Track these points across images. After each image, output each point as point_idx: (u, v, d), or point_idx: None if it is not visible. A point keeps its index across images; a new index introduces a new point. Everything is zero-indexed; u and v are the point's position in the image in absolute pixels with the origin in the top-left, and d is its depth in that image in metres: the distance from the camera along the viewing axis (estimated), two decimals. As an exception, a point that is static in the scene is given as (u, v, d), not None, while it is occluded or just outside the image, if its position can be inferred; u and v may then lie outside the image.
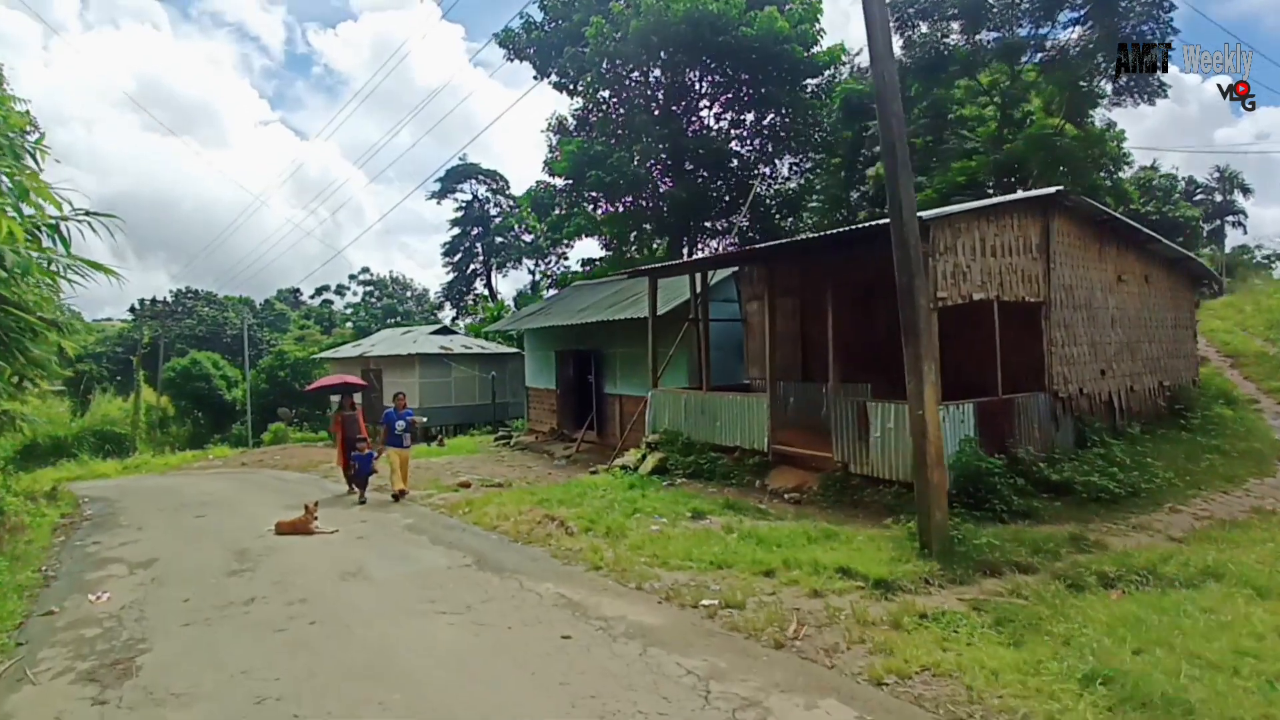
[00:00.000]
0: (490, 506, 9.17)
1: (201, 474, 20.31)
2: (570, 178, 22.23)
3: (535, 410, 20.14)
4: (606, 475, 11.11)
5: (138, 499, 13.89)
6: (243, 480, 15.98)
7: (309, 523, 8.56)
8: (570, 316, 16.75)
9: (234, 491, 13.66)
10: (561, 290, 21.68)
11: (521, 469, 15.03)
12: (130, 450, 35.66)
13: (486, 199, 59.91)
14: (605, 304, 16.53)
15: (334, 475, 15.27)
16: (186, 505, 11.88)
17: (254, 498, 12.39)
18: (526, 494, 9.90)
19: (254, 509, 10.94)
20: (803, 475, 8.57)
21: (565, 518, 7.75)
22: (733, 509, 7.84)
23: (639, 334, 15.25)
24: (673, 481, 9.71)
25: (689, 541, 6.60)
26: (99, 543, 8.97)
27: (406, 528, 8.60)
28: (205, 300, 68.14)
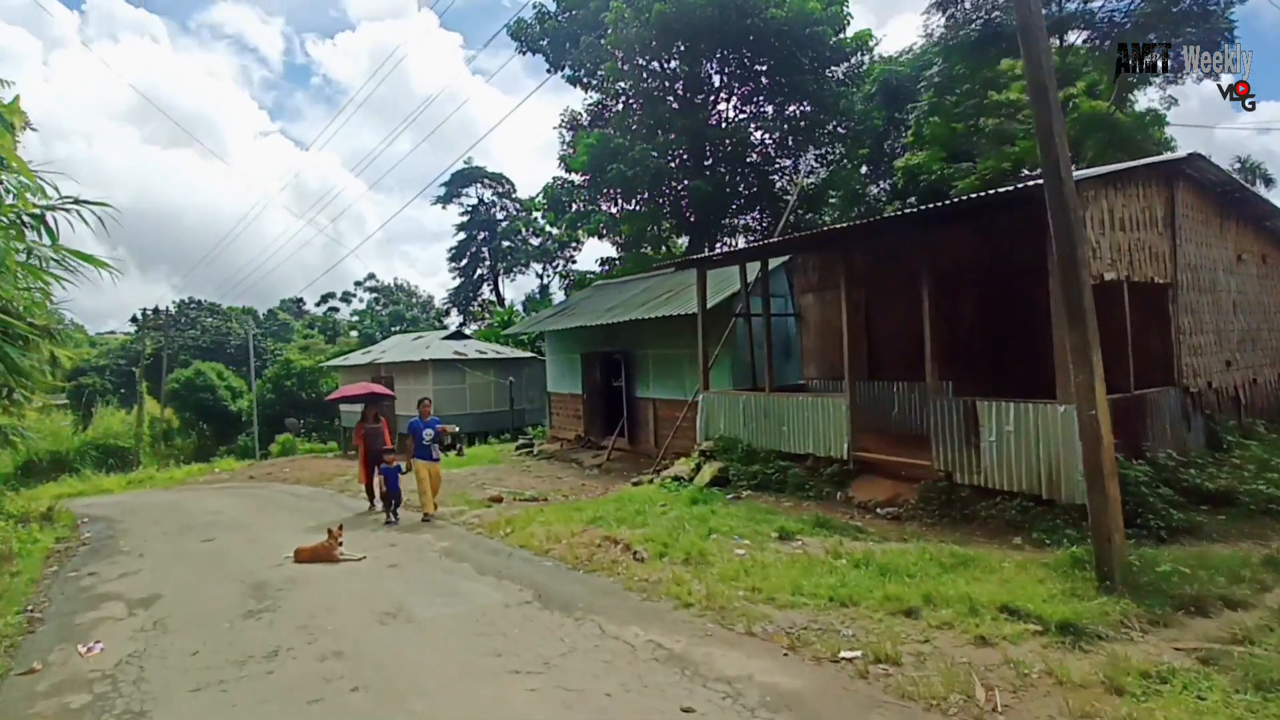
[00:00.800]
0: (535, 526, 8.12)
1: (208, 489, 19.29)
2: (588, 172, 21.25)
3: (558, 416, 19.09)
4: (654, 487, 10.06)
5: (140, 519, 12.88)
6: (252, 496, 14.95)
7: (333, 549, 7.52)
8: (597, 316, 15.72)
9: (244, 510, 12.63)
10: (582, 291, 20.67)
11: (551, 480, 13.98)
12: (134, 464, 34.71)
13: (492, 203, 59.01)
14: (635, 303, 15.50)
15: (352, 489, 14.24)
16: (193, 526, 10.85)
17: (266, 517, 11.37)
18: (571, 510, 8.84)
19: (267, 530, 9.91)
20: (894, 486, 7.52)
21: (630, 540, 6.70)
22: (824, 527, 6.78)
23: (675, 333, 14.21)
24: (738, 494, 8.65)
25: (790, 570, 5.54)
26: (95, 573, 7.94)
27: (443, 553, 7.55)
28: (209, 310, 67.37)
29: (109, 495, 25.32)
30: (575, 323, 16.12)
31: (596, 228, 20.89)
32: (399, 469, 9.46)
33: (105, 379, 55.19)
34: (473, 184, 58.69)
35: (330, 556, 7.47)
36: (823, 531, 6.65)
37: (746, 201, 26.70)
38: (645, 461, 14.96)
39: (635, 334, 15.43)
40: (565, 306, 19.13)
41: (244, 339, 62.70)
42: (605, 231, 21.43)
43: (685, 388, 14.19)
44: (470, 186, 58.82)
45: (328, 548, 7.54)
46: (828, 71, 22.61)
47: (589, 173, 21.13)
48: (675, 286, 15.28)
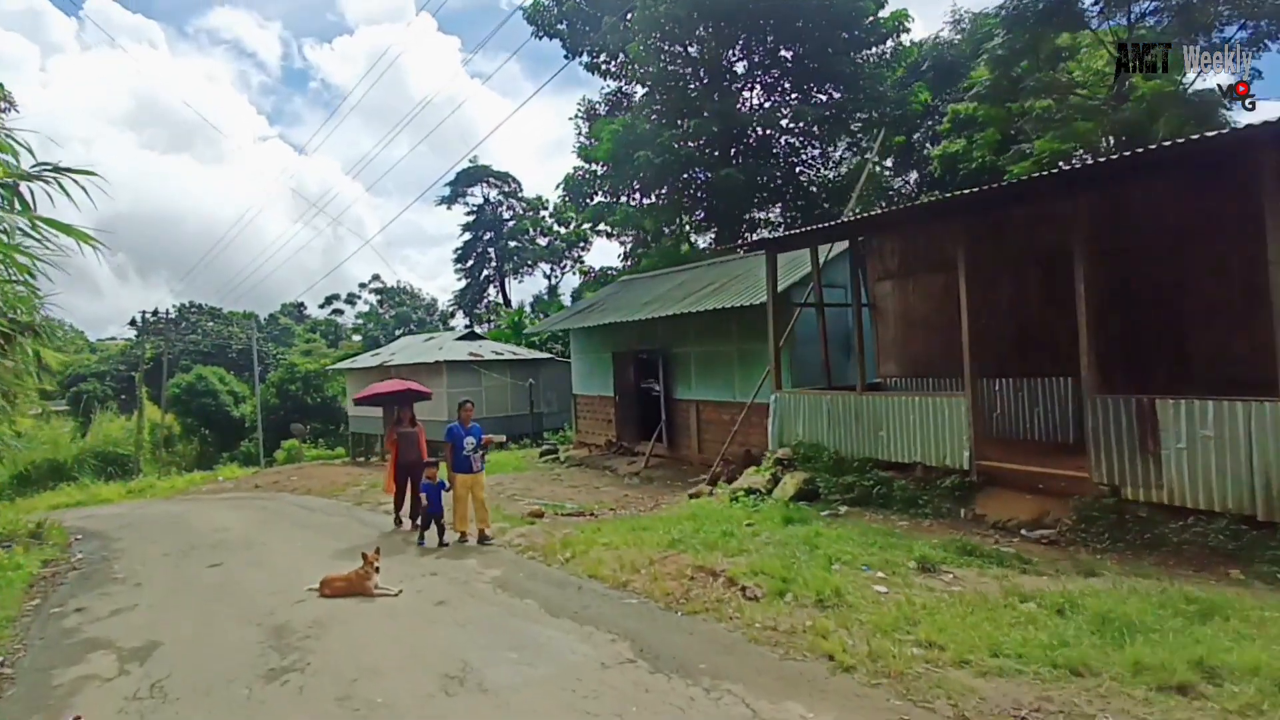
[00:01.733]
0: (599, 550, 6.91)
1: (212, 500, 18.07)
2: (611, 161, 20.06)
3: (586, 420, 17.88)
4: (723, 501, 8.84)
5: (138, 536, 11.67)
6: (260, 509, 13.73)
7: (367, 579, 6.30)
8: (632, 312, 14.51)
9: (252, 526, 11.42)
10: (607, 287, 19.47)
11: (588, 490, 12.76)
12: (134, 472, 33.48)
13: (499, 202, 57.88)
14: (673, 297, 14.29)
15: (369, 500, 13.03)
16: (196, 547, 9.64)
17: (278, 535, 10.15)
18: (634, 529, 7.63)
19: (282, 552, 8.69)
20: (1035, 502, 6.31)
21: (732, 571, 5.48)
22: (970, 555, 5.56)
23: (721, 328, 13.02)
24: (834, 511, 7.44)
25: (964, 616, 4.33)
26: (83, 609, 6.72)
27: (497, 584, 6.33)
28: (210, 315, 66.25)
29: (107, 505, 24.13)
30: (608, 319, 14.91)
31: (621, 220, 19.65)
32: (443, 485, 8.21)
33: (105, 385, 54.05)
34: (478, 183, 57.53)
35: (364, 589, 6.26)
36: (974, 561, 5.43)
37: (769, 195, 25.50)
38: (688, 469, 13.75)
39: (675, 331, 14.23)
40: (591, 303, 17.93)
41: (246, 344, 61.56)
42: (626, 225, 20.15)
43: (734, 388, 12.99)
44: (475, 186, 57.66)
45: (362, 577, 6.32)
46: (863, 54, 21.43)
47: (612, 161, 19.93)
48: (718, 278, 14.09)
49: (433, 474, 8.27)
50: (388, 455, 9.89)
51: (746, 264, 14.27)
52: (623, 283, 19.13)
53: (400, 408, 9.43)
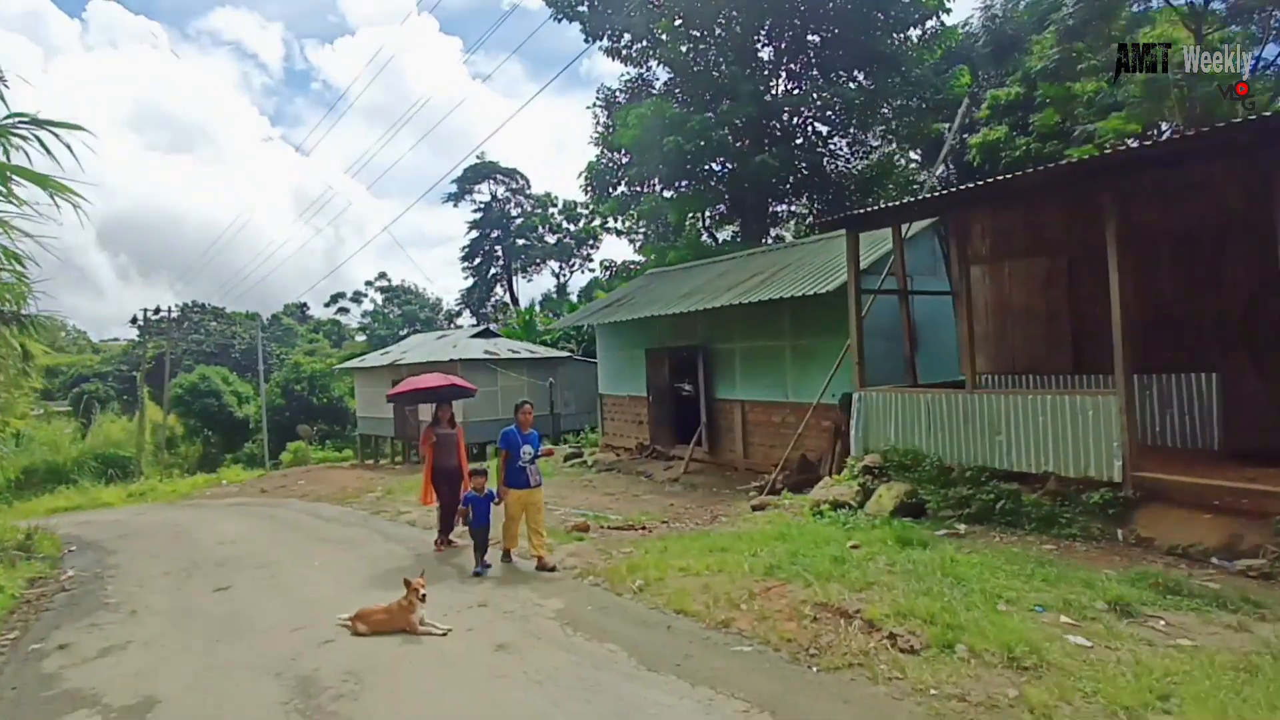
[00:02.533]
0: (676, 576, 5.84)
1: (216, 506, 17.03)
2: (638, 149, 18.96)
3: (614, 422, 16.79)
4: (800, 514, 7.75)
5: (137, 547, 10.63)
6: (269, 518, 12.67)
7: (410, 612, 5.21)
8: (670, 304, 13.42)
9: (262, 537, 10.35)
10: (634, 281, 18.39)
11: (627, 498, 11.67)
12: (136, 474, 32.46)
13: (506, 199, 56.88)
14: (715, 288, 13.20)
15: (388, 510, 11.95)
16: (200, 564, 8.57)
17: (292, 550, 9.07)
18: (712, 549, 6.55)
19: (298, 572, 7.61)
20: (1221, 524, 5.19)
21: (871, 613, 4.39)
22: (1177, 593, 4.45)
23: (771, 322, 11.95)
24: (953, 530, 6.33)
25: (1234, 689, 3.23)
26: (68, 647, 5.65)
27: (564, 620, 5.24)
28: (212, 314, 65.33)
29: (107, 510, 23.11)
30: (643, 312, 13.81)
31: (647, 211, 18.50)
32: (491, 497, 7.08)
33: (107, 385, 53.15)
34: (485, 180, 56.53)
35: (407, 624, 5.17)
36: (1183, 601, 4.32)
37: (792, 187, 24.37)
38: (733, 475, 12.67)
39: (717, 325, 13.16)
40: (619, 298, 16.85)
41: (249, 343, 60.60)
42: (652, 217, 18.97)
43: (786, 387, 11.90)
44: (483, 183, 56.67)
45: (404, 610, 5.23)
46: (901, 35, 20.35)
47: (638, 148, 18.85)
48: (763, 268, 13.01)
49: (480, 483, 7.12)
50: (422, 458, 8.79)
51: (798, 252, 13.20)
52: (651, 276, 18.05)
53: (439, 406, 8.27)
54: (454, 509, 7.87)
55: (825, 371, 11.14)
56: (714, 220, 22.44)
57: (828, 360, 11.11)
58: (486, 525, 6.98)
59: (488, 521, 6.98)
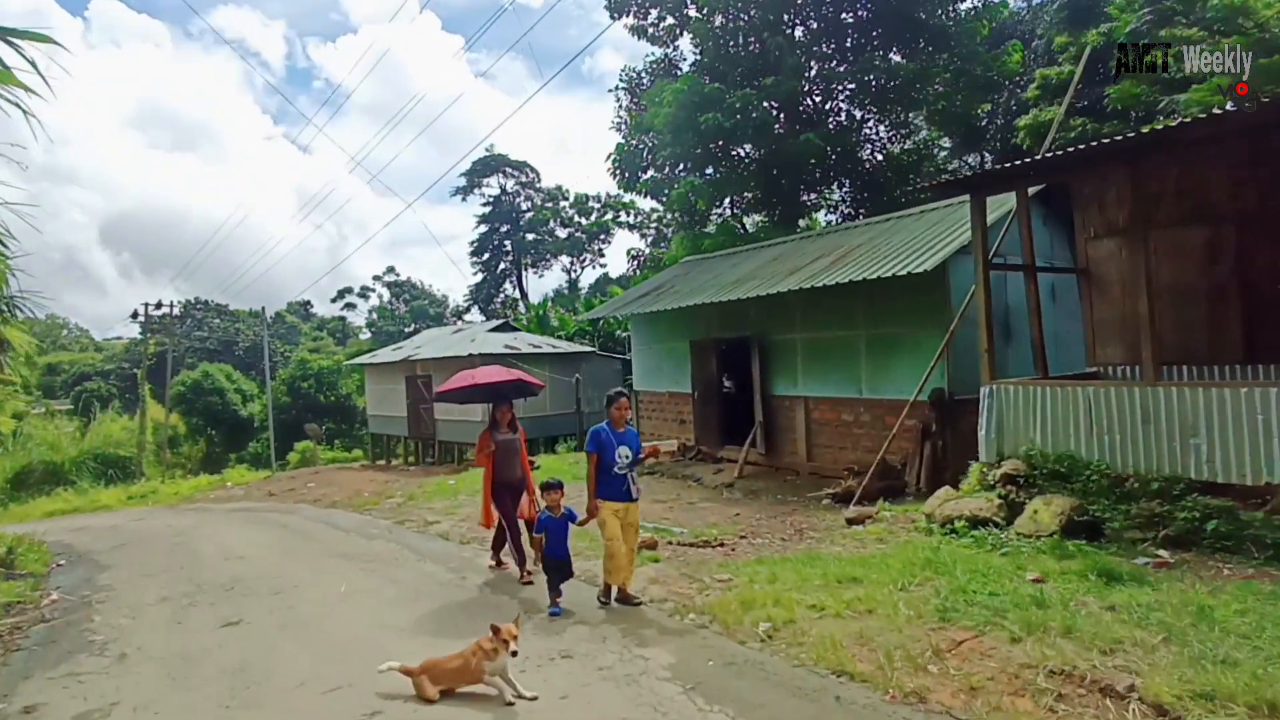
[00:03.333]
0: (811, 617, 4.59)
1: (221, 511, 15.81)
2: (673, 127, 17.68)
3: (651, 421, 15.53)
4: (924, 532, 6.49)
5: (133, 562, 9.40)
6: (280, 527, 11.43)
7: (490, 659, 3.93)
8: (723, 291, 12.15)
9: (275, 551, 9.10)
10: (670, 269, 17.11)
11: (682, 506, 10.39)
12: (136, 475, 31.27)
13: (516, 193, 55.60)
14: (771, 273, 11.93)
15: (413, 517, 10.71)
16: (204, 587, 7.32)
17: (310, 569, 7.81)
18: (840, 578, 5.29)
19: (322, 600, 6.35)
20: None
21: (1153, 691, 3.12)
22: None
23: (839, 309, 10.69)
24: (1155, 557, 5.03)
25: None
26: (35, 710, 4.41)
27: (684, 683, 3.97)
28: (216, 311, 64.22)
29: (106, 513, 21.99)
30: (692, 300, 12.53)
31: (682, 195, 17.14)
32: (570, 517, 5.58)
33: (109, 383, 52.08)
34: (494, 173, 55.25)
35: (478, 678, 3.90)
36: None
37: (822, 175, 23.04)
38: (796, 480, 11.40)
39: (775, 313, 11.90)
40: (656, 286, 15.58)
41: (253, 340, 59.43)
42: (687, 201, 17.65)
43: (860, 382, 10.63)
44: (492, 176, 55.37)
45: (481, 657, 3.93)
46: (950, 9, 19.05)
47: (672, 127, 17.56)
48: (827, 249, 11.73)
49: (555, 500, 5.58)
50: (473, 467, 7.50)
51: (862, 233, 11.91)
52: (687, 264, 16.77)
53: (496, 406, 6.68)
54: (517, 525, 6.56)
55: (908, 364, 9.87)
56: (745, 206, 21.10)
57: (912, 352, 9.84)
58: (566, 555, 5.51)
59: (567, 550, 5.53)
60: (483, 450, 6.48)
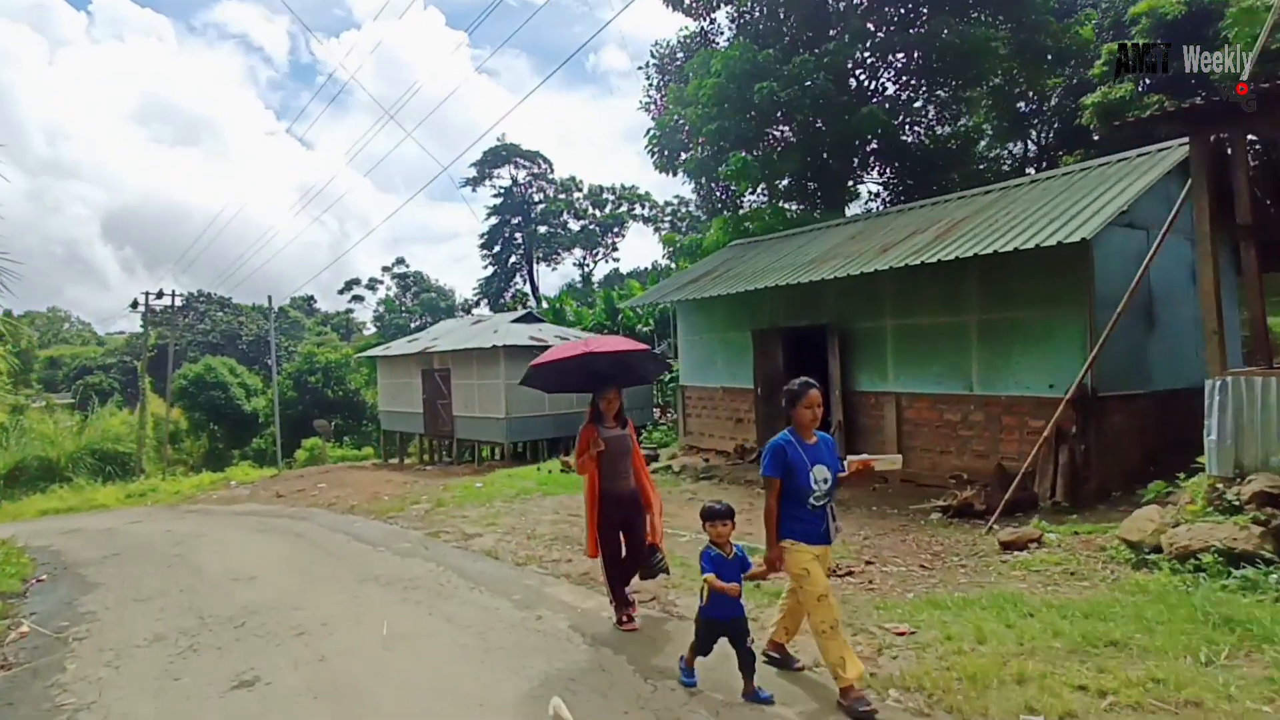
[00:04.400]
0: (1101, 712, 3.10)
1: (226, 513, 14.38)
2: (719, 99, 16.21)
3: (700, 419, 14.07)
4: (1106, 562, 5.04)
5: (125, 579, 7.99)
6: (295, 537, 9.98)
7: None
8: (799, 272, 10.67)
9: (291, 571, 7.65)
10: (717, 254, 15.62)
11: (760, 519, 8.95)
12: (136, 472, 29.86)
13: (528, 183, 54.11)
14: (859, 252, 10.45)
15: (447, 526, 9.27)
16: (210, 622, 5.88)
17: (339, 597, 6.35)
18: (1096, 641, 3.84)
19: (361, 647, 4.88)
20: None
21: None
22: None
23: (950, 291, 9.21)
24: None
25: None
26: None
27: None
28: (219, 304, 62.87)
29: (102, 513, 20.62)
30: (759, 283, 11.06)
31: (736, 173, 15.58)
32: (742, 561, 3.73)
33: (110, 377, 50.79)
34: (505, 163, 53.78)
35: None
36: None
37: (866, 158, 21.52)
38: (885, 489, 9.92)
39: (857, 298, 10.46)
40: (705, 271, 14.10)
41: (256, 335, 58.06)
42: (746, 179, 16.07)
43: (971, 376, 9.16)
44: (503, 166, 53.92)
45: None
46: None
47: (719, 99, 16.08)
48: (919, 224, 10.27)
49: (724, 534, 3.76)
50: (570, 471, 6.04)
51: (966, 205, 10.43)
52: (737, 248, 15.29)
53: (600, 391, 4.87)
54: (634, 559, 4.98)
55: (1036, 354, 8.41)
56: (788, 189, 19.57)
57: (1041, 340, 8.37)
58: (742, 614, 3.69)
59: (740, 608, 3.68)
60: (585, 451, 4.75)
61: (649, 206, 53.91)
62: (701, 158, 16.01)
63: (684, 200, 56.60)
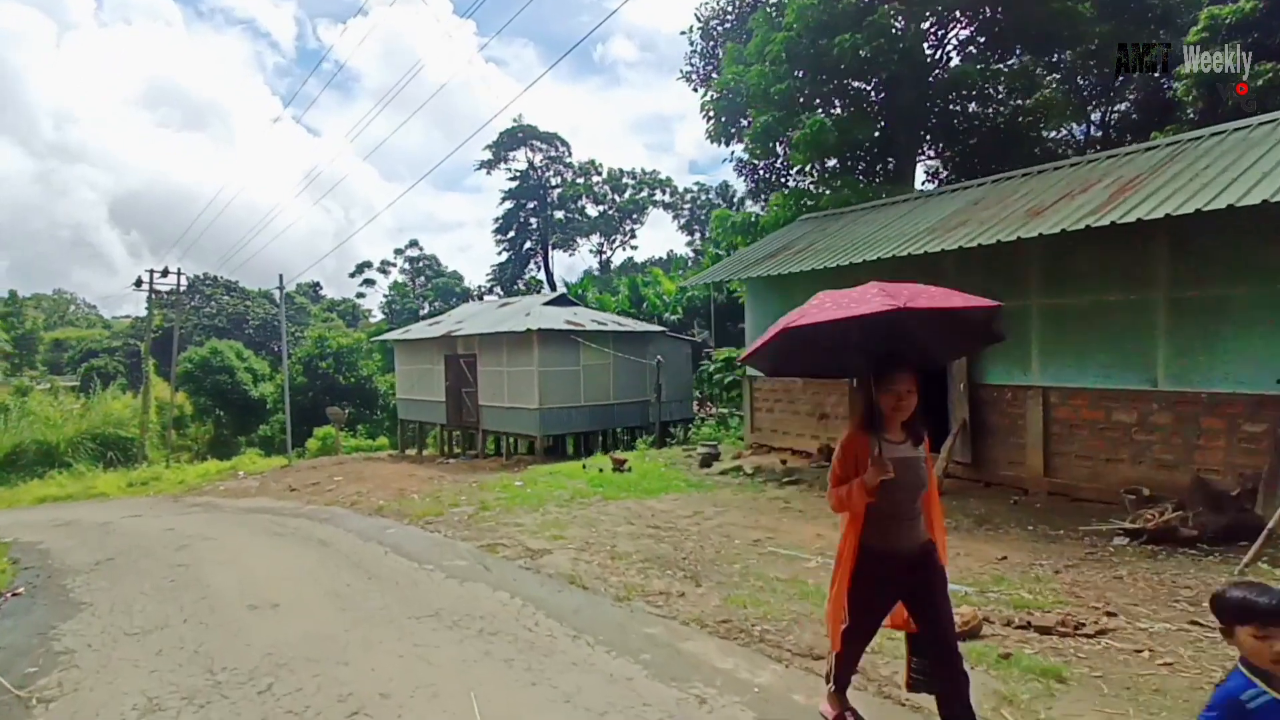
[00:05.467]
0: None
1: (235, 510, 12.82)
2: (790, 56, 14.48)
3: (771, 414, 12.43)
4: None
5: (118, 596, 6.45)
6: (320, 546, 8.37)
7: None
8: (911, 243, 8.99)
9: (323, 596, 6.04)
10: (789, 228, 13.91)
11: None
12: (138, 458, 28.40)
13: (545, 167, 52.36)
14: (986, 219, 8.77)
15: (506, 540, 7.65)
16: (223, 680, 4.27)
17: (392, 639, 4.73)
18: None
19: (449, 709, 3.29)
20: None
21: None
22: None
23: (1128, 260, 7.53)
24: None
25: None
26: None
27: None
28: (225, 288, 61.38)
29: (102, 501, 19.18)
30: (868, 254, 9.37)
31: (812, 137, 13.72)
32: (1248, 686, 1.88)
33: (115, 359, 49.44)
34: (522, 145, 52.03)
35: None
36: None
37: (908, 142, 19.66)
38: (1028, 501, 8.27)
39: (990, 273, 8.78)
40: (782, 246, 12.39)
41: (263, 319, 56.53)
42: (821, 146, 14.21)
43: (1154, 367, 7.48)
44: (519, 149, 52.17)
45: None
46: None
47: (789, 56, 14.35)
48: (1071, 185, 8.58)
49: (1262, 642, 1.90)
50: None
51: (1129, 163, 8.70)
52: (813, 222, 13.57)
53: (891, 374, 2.97)
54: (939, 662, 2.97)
55: (1254, 340, 6.73)
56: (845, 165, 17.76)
57: (1259, 322, 6.69)
58: None
59: None
60: (853, 478, 2.91)
61: (669, 192, 52.15)
62: (768, 122, 14.26)
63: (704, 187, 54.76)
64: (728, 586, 5.84)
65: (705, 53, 21.22)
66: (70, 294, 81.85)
